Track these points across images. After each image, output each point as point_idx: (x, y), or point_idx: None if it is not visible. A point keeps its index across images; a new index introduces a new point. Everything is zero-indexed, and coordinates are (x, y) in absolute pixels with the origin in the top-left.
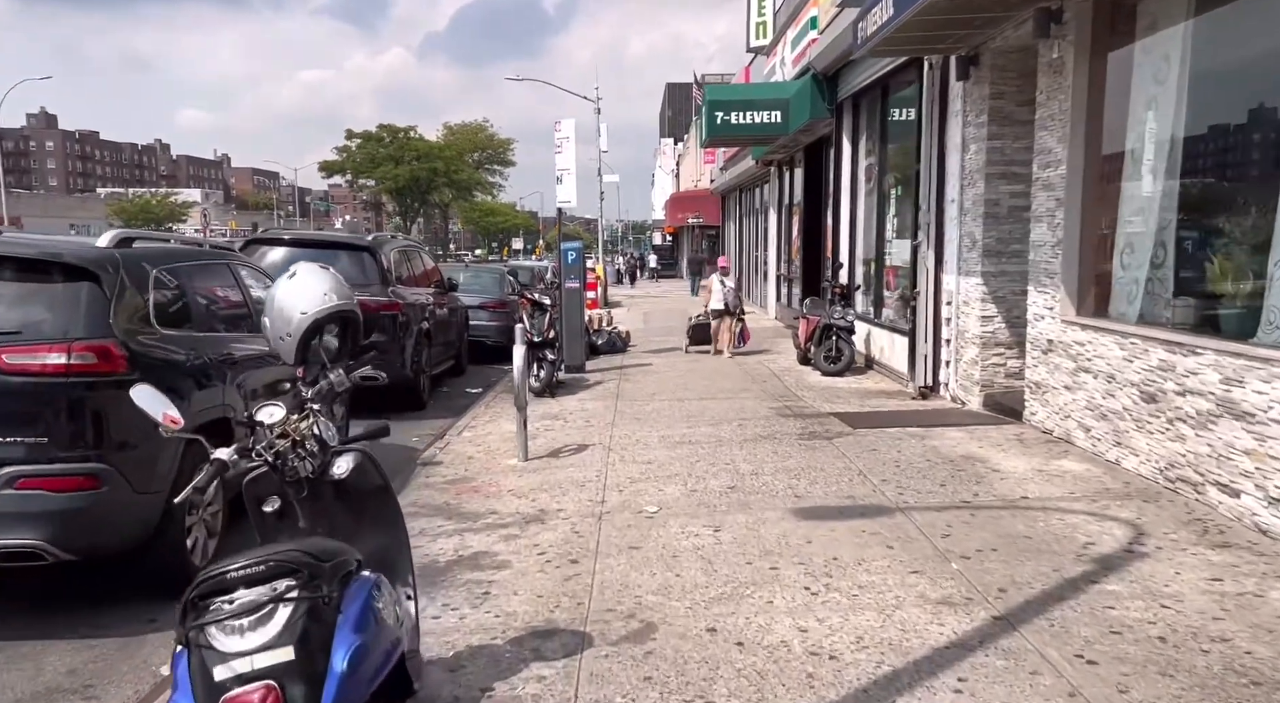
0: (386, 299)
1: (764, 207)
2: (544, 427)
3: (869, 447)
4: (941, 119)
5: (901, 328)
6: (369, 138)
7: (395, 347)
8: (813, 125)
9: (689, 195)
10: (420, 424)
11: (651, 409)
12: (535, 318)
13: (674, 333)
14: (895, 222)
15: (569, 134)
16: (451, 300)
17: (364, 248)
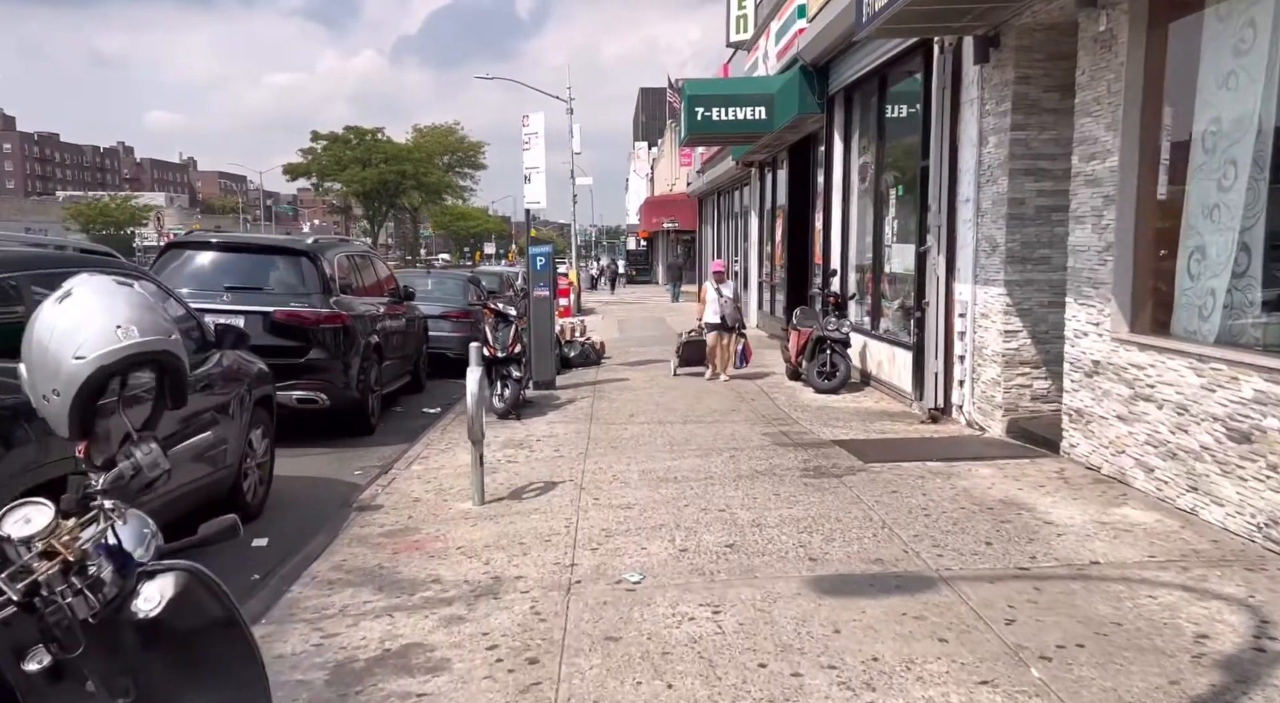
0: (328, 311)
1: (744, 210)
2: (506, 458)
3: (887, 487)
4: (954, 109)
5: (903, 341)
6: (335, 140)
7: (338, 365)
8: (800, 121)
9: (664, 199)
10: (366, 452)
11: (630, 435)
12: (499, 330)
13: (651, 343)
14: (895, 224)
15: (538, 129)
16: (408, 310)
17: (303, 253)
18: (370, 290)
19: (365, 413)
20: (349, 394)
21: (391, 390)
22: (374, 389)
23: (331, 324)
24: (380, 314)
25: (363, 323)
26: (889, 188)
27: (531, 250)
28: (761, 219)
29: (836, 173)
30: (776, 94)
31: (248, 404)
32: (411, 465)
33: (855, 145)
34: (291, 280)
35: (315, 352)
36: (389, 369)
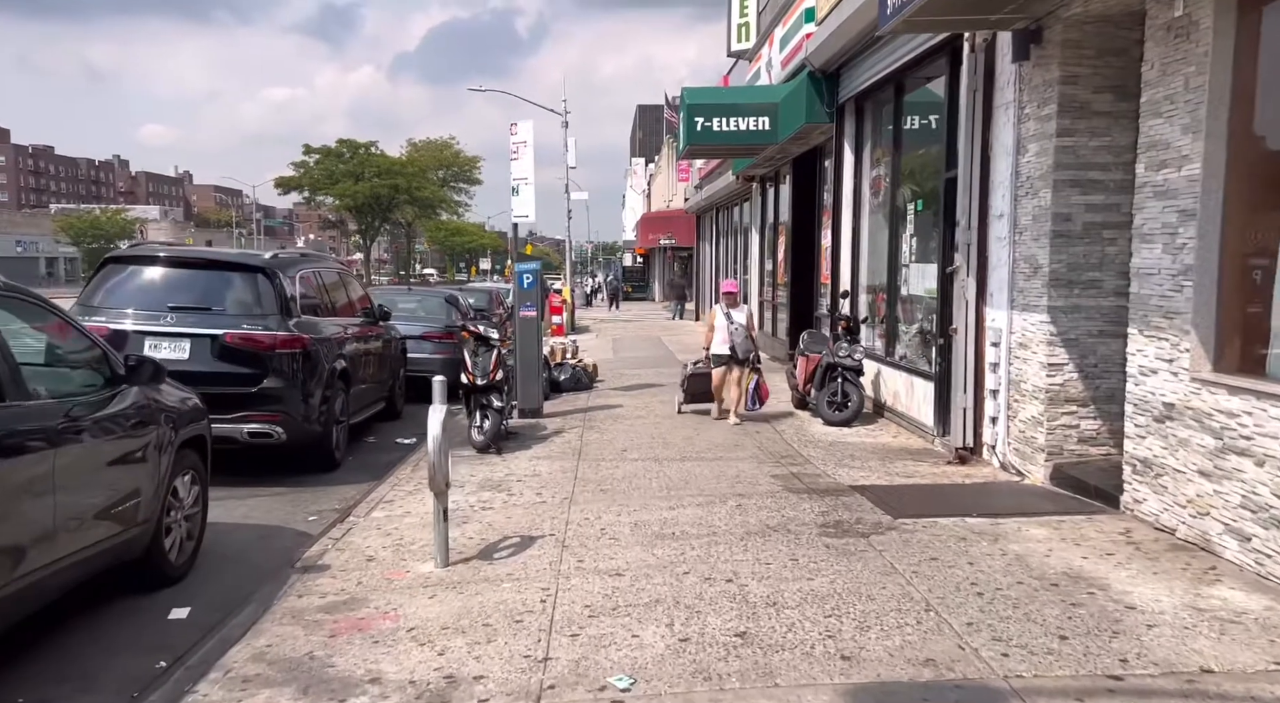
0: (286, 333)
1: (745, 227)
2: (481, 503)
3: (925, 551)
4: (986, 114)
5: (922, 370)
6: (328, 153)
7: (296, 394)
8: (807, 132)
9: (661, 216)
10: (326, 492)
11: (622, 475)
12: (479, 355)
13: (647, 365)
14: (914, 242)
15: (526, 138)
16: (384, 331)
17: (259, 269)
18: (339, 310)
19: (328, 447)
20: (309, 427)
21: (363, 419)
22: (339, 420)
23: (289, 348)
24: (349, 336)
25: (327, 347)
26: (906, 203)
27: (518, 268)
28: (763, 236)
29: (846, 187)
30: (781, 103)
31: (170, 447)
32: (373, 511)
33: (867, 157)
34: (246, 300)
35: (271, 380)
36: (359, 396)
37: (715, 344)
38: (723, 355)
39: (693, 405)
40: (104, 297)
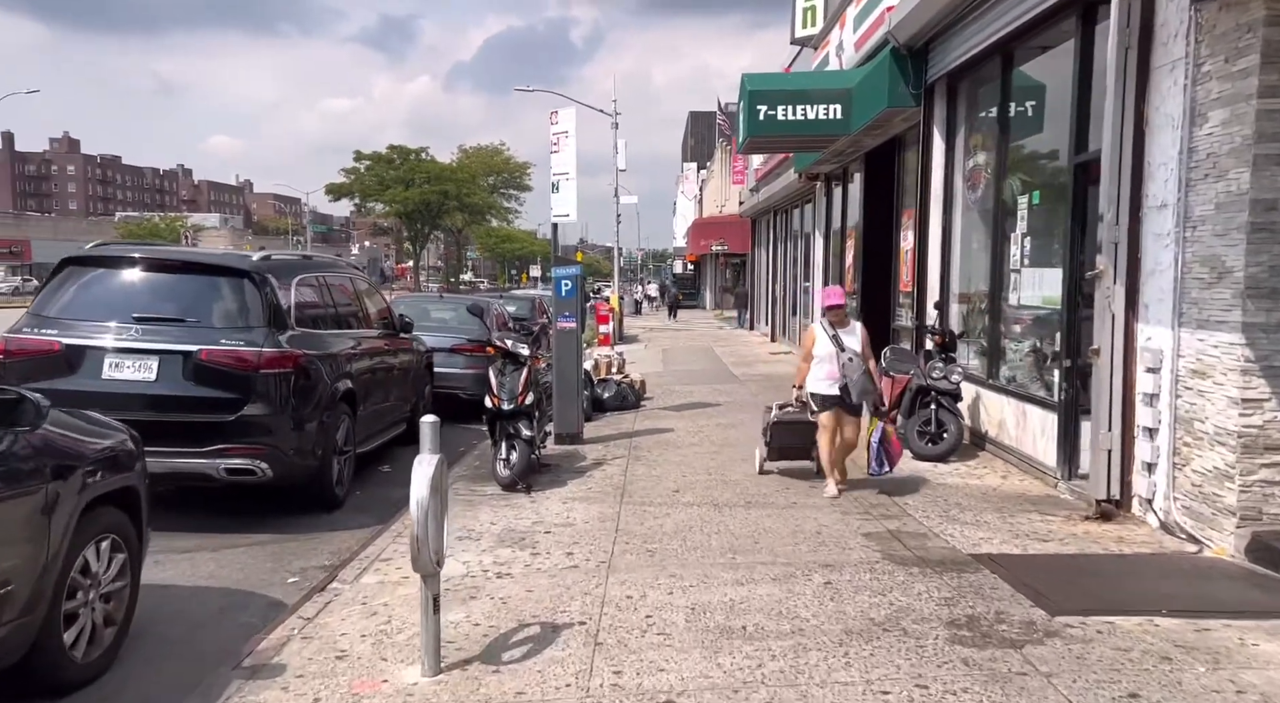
0: (275, 350)
1: (805, 230)
2: (497, 566)
3: (1115, 680)
4: (1141, 79)
5: (1038, 397)
6: (378, 160)
7: (285, 421)
8: (887, 119)
9: (713, 221)
10: (320, 540)
11: (673, 526)
12: (506, 375)
13: (699, 381)
14: (1027, 243)
15: (568, 127)
16: (406, 344)
17: (245, 273)
18: (350, 321)
19: (326, 484)
20: (301, 461)
21: (376, 446)
22: (342, 450)
23: (278, 368)
24: (360, 351)
25: (330, 364)
26: (1015, 196)
27: (556, 273)
28: (827, 240)
29: (935, 181)
30: (855, 88)
31: (73, 507)
32: (364, 573)
33: (961, 145)
34: (228, 309)
35: (255, 405)
36: (370, 420)
37: (816, 380)
38: (830, 397)
39: (780, 464)
40: (60, 305)
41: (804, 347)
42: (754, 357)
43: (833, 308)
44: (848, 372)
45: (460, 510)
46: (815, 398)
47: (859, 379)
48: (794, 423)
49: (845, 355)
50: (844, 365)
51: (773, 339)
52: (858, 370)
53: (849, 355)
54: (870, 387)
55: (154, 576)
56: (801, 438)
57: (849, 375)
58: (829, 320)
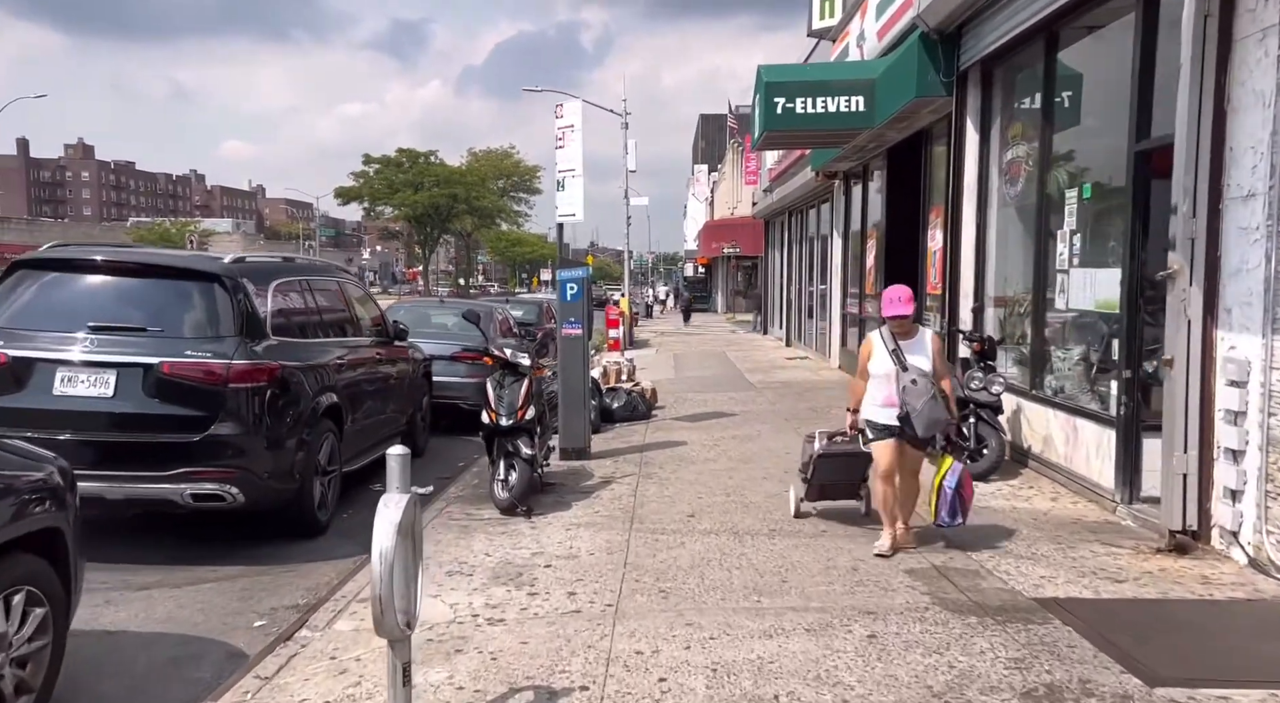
0: (247, 362)
1: (822, 231)
2: (489, 610)
3: None
4: (1222, 48)
5: (1091, 410)
6: (387, 163)
7: (259, 441)
8: (914, 110)
9: (724, 223)
10: (296, 573)
11: (689, 559)
12: (505, 387)
13: (713, 388)
14: (1077, 240)
15: (574, 120)
16: (401, 353)
17: (214, 277)
18: (338, 329)
19: (306, 508)
20: (277, 485)
21: (368, 463)
22: (327, 470)
23: (251, 381)
24: (348, 361)
25: (312, 376)
26: (1063, 189)
27: (561, 276)
28: (846, 241)
29: (969, 175)
30: (879, 79)
31: None
32: (338, 618)
33: (997, 136)
34: (197, 317)
35: (224, 423)
36: (360, 436)
37: (872, 404)
38: (888, 427)
39: (823, 504)
40: (9, 313)
41: (860, 361)
42: (770, 362)
43: (896, 317)
44: (909, 397)
45: (453, 538)
46: (871, 426)
47: (925, 406)
48: (842, 455)
49: (908, 376)
50: (905, 389)
51: (788, 344)
52: (924, 395)
53: (913, 376)
54: (941, 416)
55: (101, 619)
56: (849, 473)
57: (911, 402)
58: (891, 329)
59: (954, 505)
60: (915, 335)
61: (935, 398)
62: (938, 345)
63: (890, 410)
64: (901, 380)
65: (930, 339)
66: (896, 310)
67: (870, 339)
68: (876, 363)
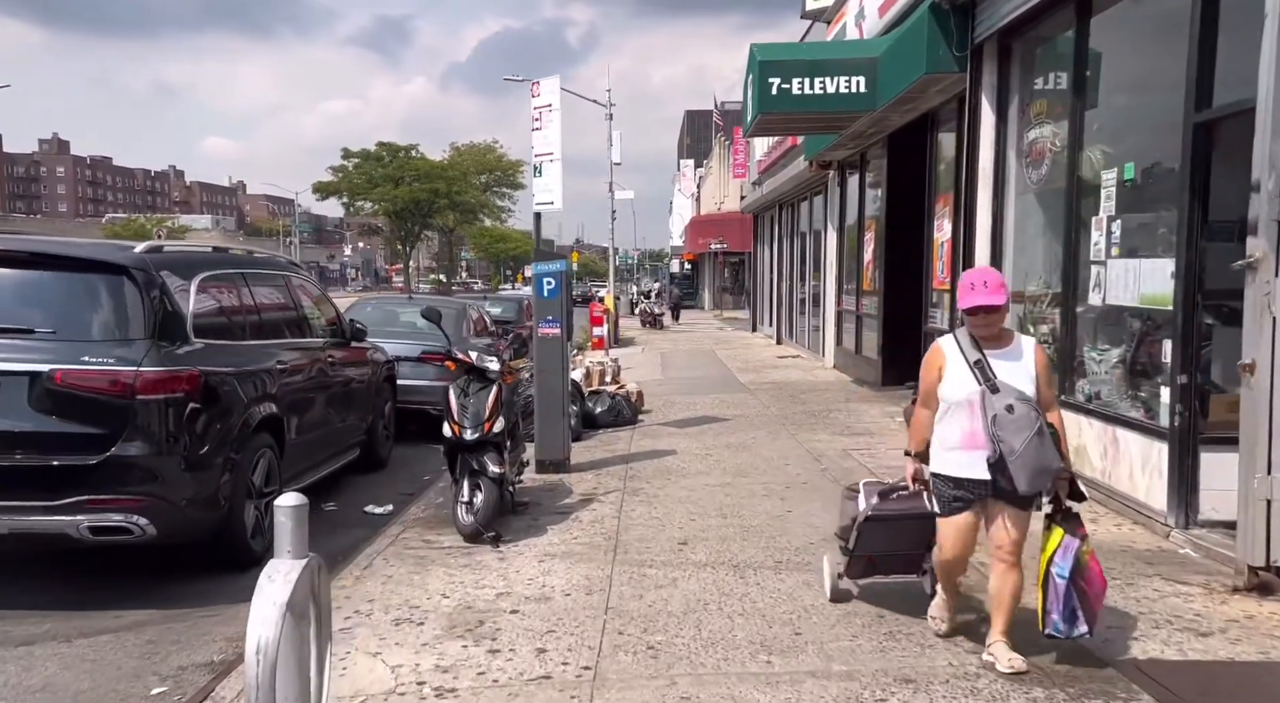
0: (159, 369)
1: (815, 225)
2: (438, 670)
3: None
4: None
5: (1135, 420)
6: (367, 157)
7: (175, 462)
8: (922, 89)
9: (711, 219)
10: (217, 617)
11: (682, 602)
12: (471, 395)
13: (702, 390)
14: (1116, 228)
15: (552, 99)
16: (360, 355)
17: (121, 270)
18: (281, 329)
19: (237, 538)
20: (199, 513)
21: (320, 478)
22: (264, 493)
23: (164, 392)
24: (291, 366)
25: (246, 384)
26: (1098, 171)
27: (536, 270)
28: (841, 234)
29: (984, 158)
30: (883, 57)
31: None
32: None
33: (1015, 115)
34: (101, 316)
35: (131, 442)
36: (308, 450)
37: (945, 447)
38: (971, 483)
39: (869, 580)
40: None
41: (924, 381)
42: (761, 361)
43: (985, 310)
44: (1005, 433)
45: (407, 572)
46: (943, 482)
47: (1028, 447)
48: (899, 518)
49: (1000, 401)
50: (997, 420)
51: (779, 342)
52: (1025, 430)
53: (1008, 400)
54: (1051, 462)
55: None
56: (910, 541)
57: (1007, 439)
58: (972, 331)
59: (1070, 604)
60: (1009, 342)
61: (1043, 434)
62: (1043, 359)
63: (972, 456)
64: (991, 407)
65: (1033, 350)
66: (982, 298)
67: (939, 348)
68: (952, 383)
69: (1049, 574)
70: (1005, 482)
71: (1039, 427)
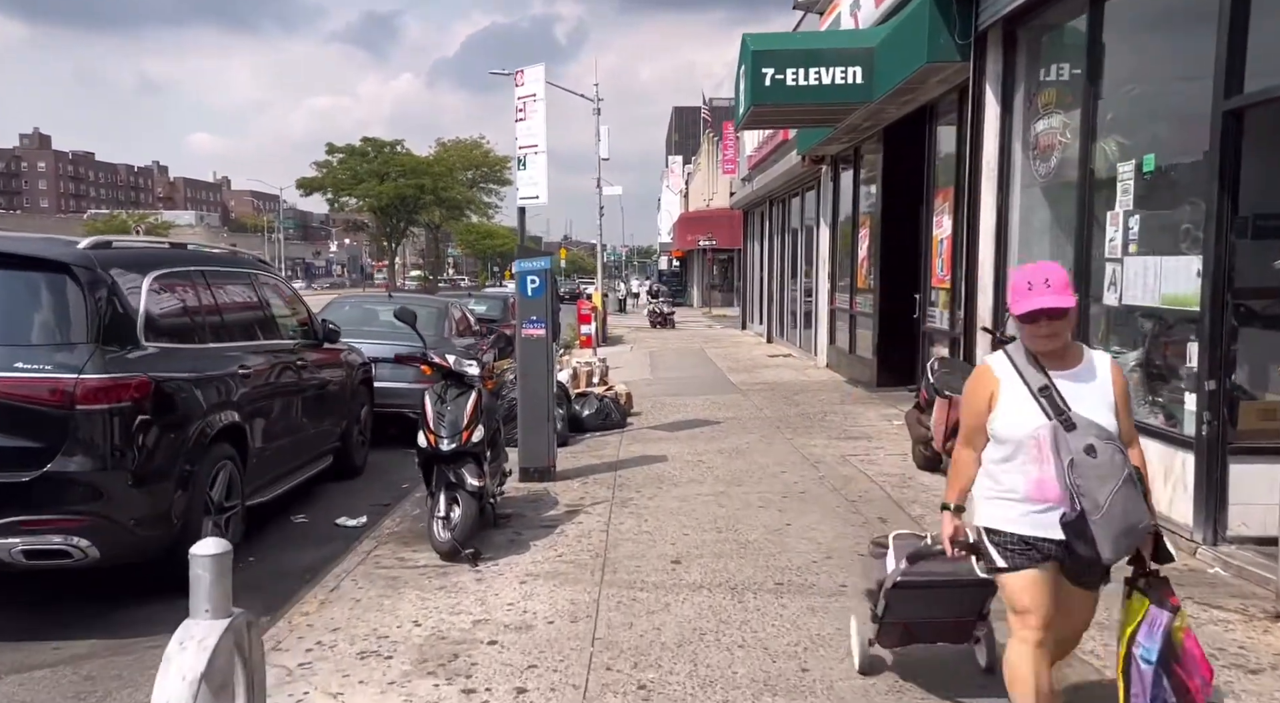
0: (101, 376)
1: (808, 221)
2: None
3: None
4: None
5: (1157, 428)
6: (352, 152)
7: (120, 477)
8: (922, 78)
9: (700, 215)
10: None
11: (674, 632)
12: (448, 402)
13: (693, 390)
14: (1134, 223)
15: (536, 88)
16: (333, 357)
17: (63, 267)
18: (245, 331)
19: (182, 561)
20: (149, 533)
21: (289, 488)
22: (224, 507)
23: (109, 401)
24: (255, 371)
25: (204, 391)
26: (1114, 163)
27: (519, 267)
28: (834, 230)
29: (988, 150)
30: (880, 46)
31: None
32: None
33: (1021, 106)
34: (37, 319)
35: (71, 456)
36: (275, 459)
37: (1001, 498)
38: (1040, 544)
39: (905, 649)
40: None
41: (967, 413)
42: (751, 361)
43: (1049, 315)
44: (1086, 484)
45: (376, 596)
46: (1001, 539)
47: (1118, 503)
48: (940, 586)
49: (1078, 439)
50: (1075, 467)
51: (769, 340)
52: (1112, 477)
53: (1088, 439)
54: (1143, 519)
55: None
56: (952, 609)
57: (1089, 489)
58: (1033, 347)
59: (1161, 697)
60: (1077, 359)
61: (1132, 483)
62: (1121, 381)
63: (1040, 510)
64: (1066, 449)
65: (1109, 369)
66: (1046, 300)
67: (988, 371)
68: (1010, 416)
69: (1131, 657)
70: (1084, 546)
71: (1127, 473)
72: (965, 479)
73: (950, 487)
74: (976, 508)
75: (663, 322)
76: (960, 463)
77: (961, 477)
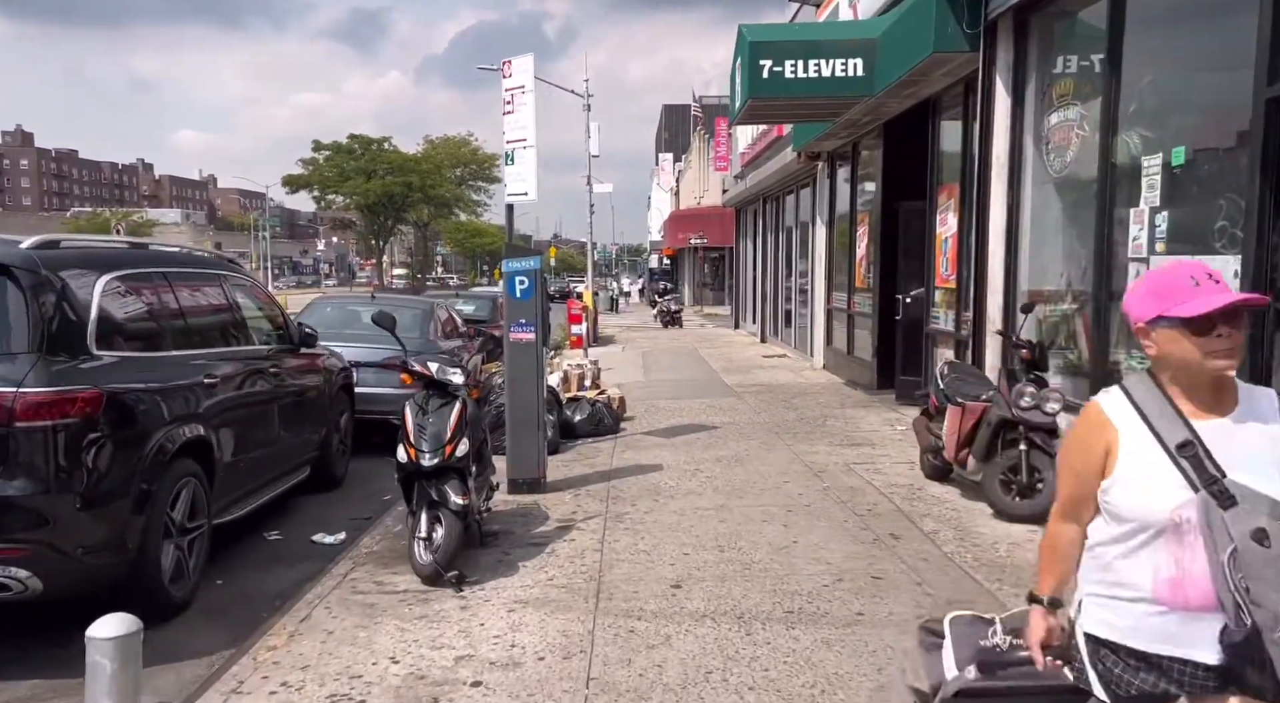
0: (45, 391)
1: (803, 218)
2: None
3: None
4: None
5: None
6: (339, 150)
7: (65, 501)
8: (928, 70)
9: (691, 213)
10: None
11: (678, 666)
12: (430, 413)
13: (687, 393)
14: (1162, 220)
15: (525, 80)
16: (311, 362)
17: (3, 269)
18: (213, 336)
19: (152, 585)
20: (102, 560)
21: (261, 504)
22: (187, 529)
23: (54, 418)
24: (222, 378)
25: (166, 403)
26: (1138, 157)
27: (507, 267)
28: (831, 228)
29: (998, 144)
30: (883, 38)
31: None
32: None
33: (1033, 98)
34: None
35: (10, 479)
36: (246, 474)
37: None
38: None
39: None
40: None
41: (1067, 470)
42: (746, 361)
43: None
44: (1259, 584)
45: (351, 627)
46: (1116, 655)
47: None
48: (1021, 695)
49: (1246, 523)
50: (1238, 560)
51: (763, 340)
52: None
53: (1260, 522)
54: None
55: None
56: None
57: (1264, 597)
58: (1206, 369)
59: None
60: (1234, 400)
61: None
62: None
63: (1182, 620)
64: (1223, 533)
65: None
66: (1224, 294)
67: (1100, 414)
68: (1137, 483)
69: None
70: (1254, 672)
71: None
72: (1065, 564)
73: (1043, 574)
74: (1086, 610)
75: (671, 321)
76: (1058, 542)
77: (1060, 561)
